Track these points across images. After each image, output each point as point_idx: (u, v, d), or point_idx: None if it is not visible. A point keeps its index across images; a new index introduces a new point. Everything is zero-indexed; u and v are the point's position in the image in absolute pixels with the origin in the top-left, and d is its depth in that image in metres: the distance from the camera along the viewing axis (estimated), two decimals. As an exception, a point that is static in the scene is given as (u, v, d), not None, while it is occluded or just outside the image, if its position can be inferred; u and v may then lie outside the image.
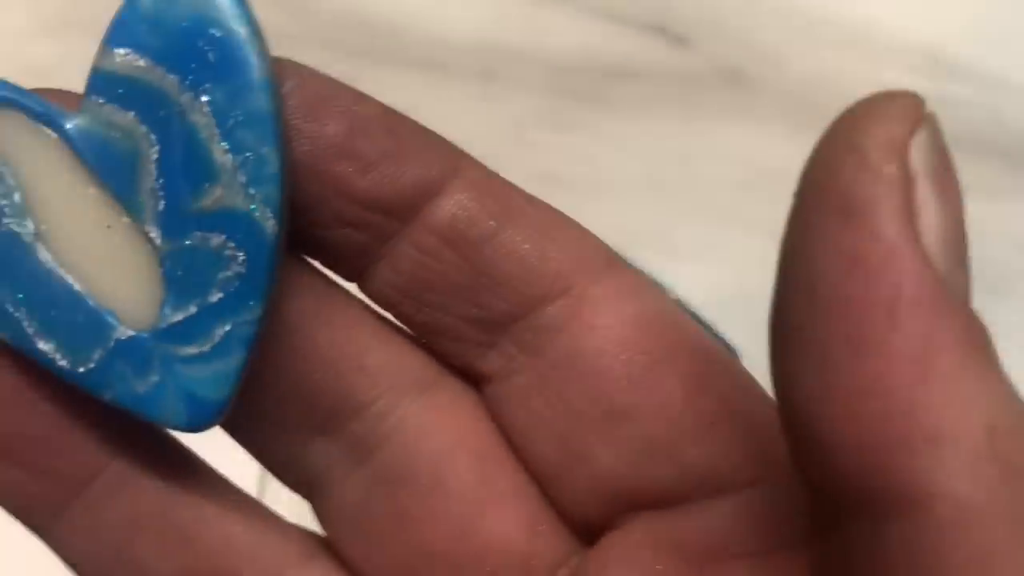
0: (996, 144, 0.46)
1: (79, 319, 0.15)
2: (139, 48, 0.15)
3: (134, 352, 0.15)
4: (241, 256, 0.15)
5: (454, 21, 0.50)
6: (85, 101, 0.15)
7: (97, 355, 0.15)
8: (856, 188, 0.12)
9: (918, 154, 0.12)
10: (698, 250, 0.44)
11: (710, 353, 0.16)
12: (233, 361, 0.15)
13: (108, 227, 0.15)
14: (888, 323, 0.12)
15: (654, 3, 0.50)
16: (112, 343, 0.15)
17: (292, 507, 0.18)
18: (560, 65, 0.49)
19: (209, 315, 0.15)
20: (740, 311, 0.39)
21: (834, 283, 0.12)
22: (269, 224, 0.15)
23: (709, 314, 0.40)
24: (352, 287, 0.17)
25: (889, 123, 0.12)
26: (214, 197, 0.15)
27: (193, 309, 0.15)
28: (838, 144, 0.12)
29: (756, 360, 0.42)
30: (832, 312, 0.12)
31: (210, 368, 0.15)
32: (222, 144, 0.15)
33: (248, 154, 0.15)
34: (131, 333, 0.15)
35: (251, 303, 0.15)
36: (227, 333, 0.15)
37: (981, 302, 0.45)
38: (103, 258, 0.15)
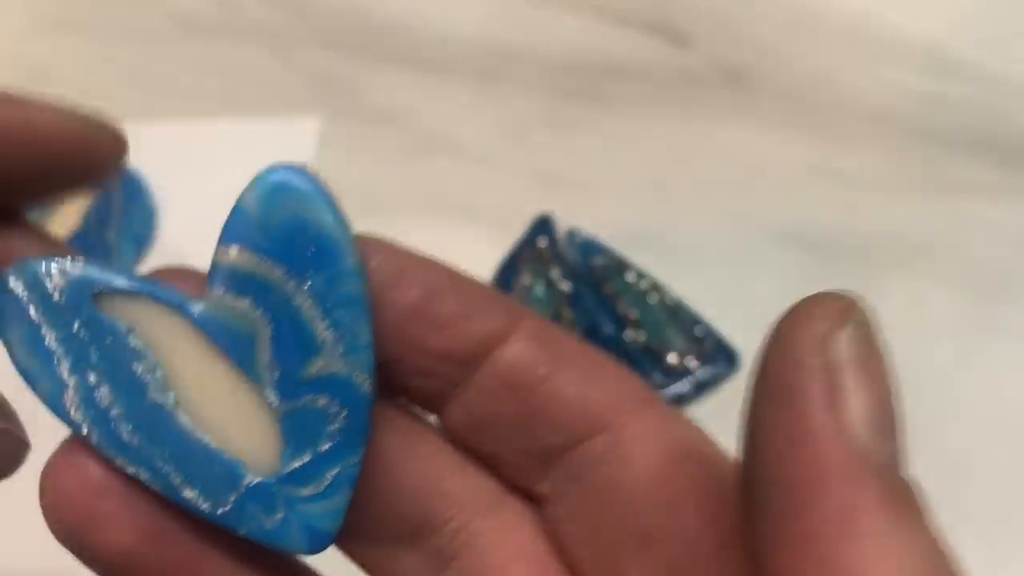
0: (996, 143, 0.45)
1: (215, 470, 0.19)
2: (249, 245, 0.19)
3: (262, 494, 0.19)
4: (344, 413, 0.19)
5: (455, 20, 0.50)
6: (208, 290, 0.19)
7: (232, 498, 0.19)
8: (787, 379, 0.15)
9: (841, 347, 0.15)
10: (698, 250, 0.44)
11: (728, 483, 0.19)
12: (342, 498, 0.19)
13: (234, 393, 0.19)
14: (819, 493, 0.14)
15: (654, 3, 0.50)
16: (244, 488, 0.19)
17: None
18: (561, 64, 0.49)
19: (321, 461, 0.19)
20: (740, 311, 0.40)
21: (774, 458, 0.15)
22: (365, 384, 0.19)
23: (709, 314, 0.41)
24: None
25: (815, 323, 0.15)
26: (319, 366, 0.19)
27: (308, 457, 0.19)
28: (776, 341, 0.15)
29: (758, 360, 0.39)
30: (775, 480, 0.15)
31: (324, 504, 0.19)
32: (324, 323, 0.19)
33: (345, 330, 0.19)
34: (258, 479, 0.19)
35: (354, 449, 0.19)
36: (336, 475, 0.19)
37: (981, 302, 0.45)
38: (232, 419, 0.19)
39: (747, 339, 0.40)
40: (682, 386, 0.39)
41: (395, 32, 0.50)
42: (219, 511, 0.19)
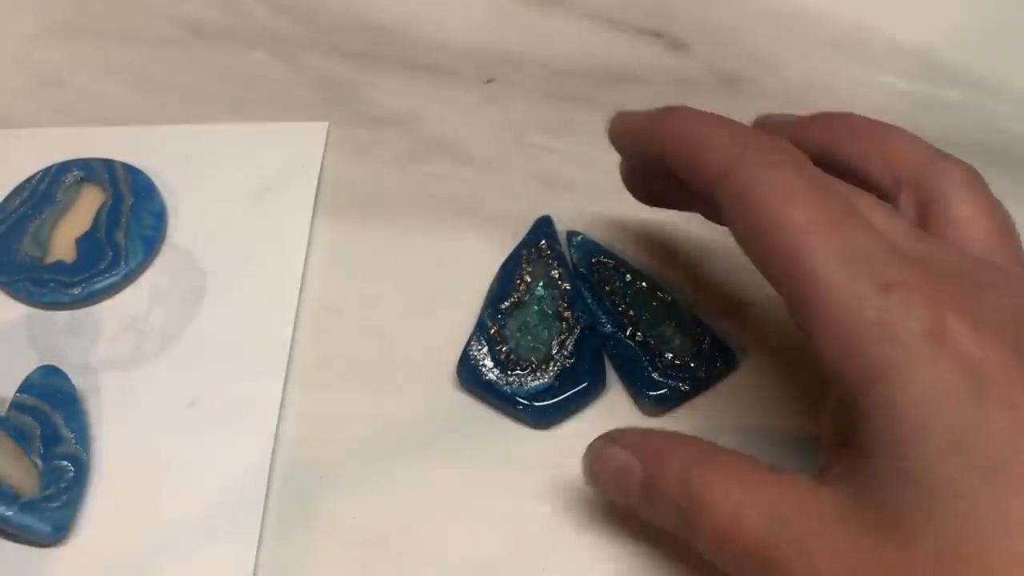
0: (987, 148, 0.44)
1: (6, 495, 0.39)
2: (32, 394, 0.40)
3: (30, 507, 0.38)
4: (73, 470, 0.39)
5: (455, 25, 0.50)
6: (9, 412, 0.40)
7: (15, 509, 0.39)
8: None
9: None
10: (697, 250, 0.43)
11: None
12: (71, 511, 0.38)
13: (20, 461, 0.40)
14: None
15: (652, 8, 0.50)
16: (19, 504, 0.38)
17: None
18: (560, 69, 0.48)
19: (60, 491, 0.38)
20: (739, 311, 0.41)
21: None
22: (83, 456, 0.40)
23: (707, 314, 0.40)
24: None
25: None
26: (63, 449, 0.39)
27: (54, 490, 0.39)
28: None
29: (756, 360, 0.40)
30: None
31: (62, 513, 0.38)
32: (66, 428, 0.40)
33: (76, 432, 0.40)
34: (27, 500, 0.39)
35: (76, 487, 0.39)
36: (68, 498, 0.38)
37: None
38: (19, 473, 0.39)
39: (746, 339, 0.40)
40: (680, 384, 0.38)
41: (398, 38, 0.50)
42: (7, 514, 0.39)
